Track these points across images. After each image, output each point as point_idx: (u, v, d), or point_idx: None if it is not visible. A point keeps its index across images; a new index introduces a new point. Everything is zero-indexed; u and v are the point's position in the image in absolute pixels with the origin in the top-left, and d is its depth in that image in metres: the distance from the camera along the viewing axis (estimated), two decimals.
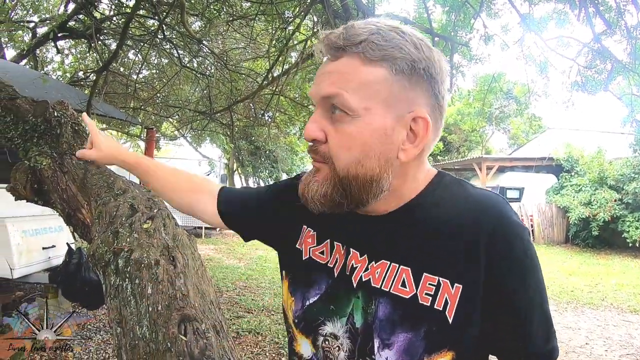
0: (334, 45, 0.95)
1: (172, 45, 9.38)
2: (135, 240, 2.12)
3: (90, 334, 6.09)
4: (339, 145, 0.95)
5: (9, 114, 3.74)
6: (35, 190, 3.26)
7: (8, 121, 3.72)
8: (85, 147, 2.69)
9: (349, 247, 1.10)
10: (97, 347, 5.67)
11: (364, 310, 1.03)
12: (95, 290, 5.94)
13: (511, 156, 25.00)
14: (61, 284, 6.23)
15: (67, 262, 6.18)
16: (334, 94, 0.93)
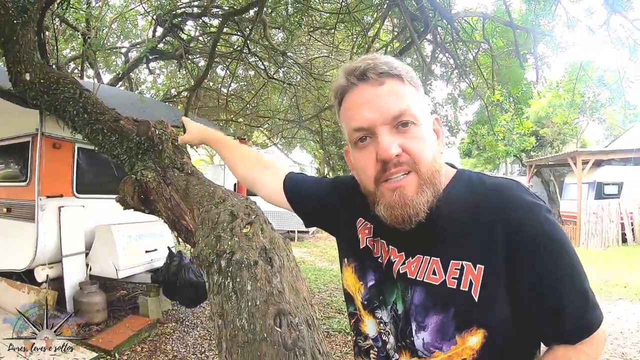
0: (376, 71, 1.12)
1: (257, 58, 9.70)
2: (236, 243, 2.36)
3: (188, 330, 6.50)
4: (419, 151, 1.10)
5: (114, 133, 4.16)
6: (142, 200, 3.64)
7: (113, 140, 4.14)
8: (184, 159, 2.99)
9: (389, 245, 1.26)
10: (194, 342, 6.06)
11: (403, 298, 1.17)
12: (194, 289, 6.34)
13: (607, 148, 22.72)
14: (162, 283, 6.73)
15: (168, 264, 6.73)
16: (404, 110, 1.10)
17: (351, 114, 1.17)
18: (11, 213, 6.76)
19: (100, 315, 6.46)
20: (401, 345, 1.18)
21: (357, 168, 1.23)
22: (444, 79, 9.48)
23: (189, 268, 6.55)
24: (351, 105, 1.18)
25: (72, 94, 4.44)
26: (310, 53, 10.80)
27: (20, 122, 6.52)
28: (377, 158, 1.11)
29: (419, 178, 1.11)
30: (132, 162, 3.81)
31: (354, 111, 1.16)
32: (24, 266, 6.45)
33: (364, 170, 1.17)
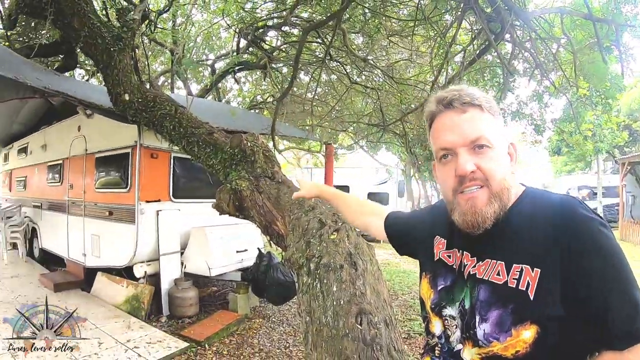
0: (460, 101, 1.36)
1: (339, 64, 9.94)
2: (324, 248, 2.65)
3: (274, 326, 6.86)
4: (491, 169, 1.32)
5: (208, 145, 4.57)
6: (237, 207, 4.02)
7: (208, 151, 4.55)
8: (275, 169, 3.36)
9: (463, 251, 1.46)
10: (280, 337, 6.40)
11: (471, 295, 1.36)
12: (281, 288, 6.71)
13: None
14: (251, 281, 7.15)
15: (257, 263, 7.14)
16: (481, 135, 1.33)
17: (438, 135, 1.42)
18: (113, 216, 7.43)
19: (192, 309, 6.99)
20: (465, 336, 1.36)
21: (440, 180, 1.46)
22: (526, 75, 9.31)
23: (277, 268, 6.92)
24: (438, 128, 1.42)
25: (168, 110, 4.88)
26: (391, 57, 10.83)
27: (121, 135, 7.18)
28: (455, 173, 1.35)
29: (489, 192, 1.32)
30: (227, 172, 4.18)
31: (440, 133, 1.40)
32: (124, 263, 7.12)
33: (445, 182, 1.41)
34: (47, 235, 10.33)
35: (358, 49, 9.84)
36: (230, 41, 12.58)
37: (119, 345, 5.60)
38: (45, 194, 10.39)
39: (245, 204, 3.84)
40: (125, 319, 6.59)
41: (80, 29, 4.77)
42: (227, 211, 4.08)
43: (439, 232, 1.62)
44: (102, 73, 5.26)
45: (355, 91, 10.90)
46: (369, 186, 18.68)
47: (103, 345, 5.56)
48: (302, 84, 12.59)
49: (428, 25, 7.26)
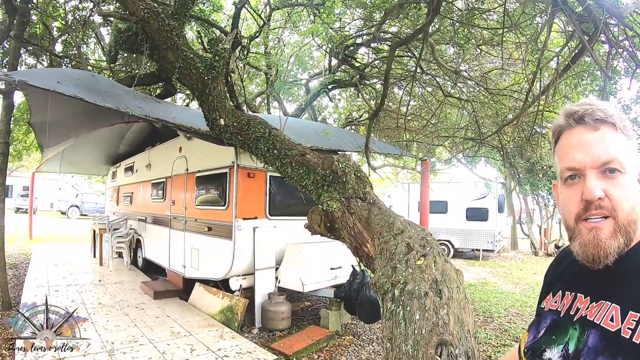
0: (593, 117, 1.22)
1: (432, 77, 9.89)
2: (409, 274, 2.64)
3: (363, 344, 6.86)
4: (620, 198, 1.17)
5: (301, 167, 4.72)
6: (328, 228, 4.12)
7: (301, 172, 4.70)
8: (366, 189, 3.44)
9: (577, 293, 1.31)
10: (368, 356, 6.37)
11: (578, 339, 1.20)
12: (374, 307, 6.73)
13: None
14: (344, 299, 7.19)
15: (351, 281, 7.18)
16: (614, 157, 1.17)
17: (565, 152, 1.27)
18: (212, 231, 7.80)
19: (284, 323, 7.16)
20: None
21: (563, 202, 1.31)
22: (628, 75, 8.67)
23: (370, 286, 6.89)
24: (566, 144, 1.28)
25: (262, 133, 5.04)
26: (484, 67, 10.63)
27: (219, 156, 7.58)
28: (581, 197, 1.20)
29: (615, 224, 1.17)
30: (319, 193, 4.28)
31: (568, 150, 1.26)
32: (221, 276, 7.45)
33: (568, 206, 1.26)
34: (150, 247, 11.04)
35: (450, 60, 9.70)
36: (323, 60, 12.84)
37: (210, 353, 5.85)
38: (149, 209, 11.11)
39: (337, 225, 3.91)
40: (218, 329, 6.88)
41: (174, 60, 5.06)
42: (318, 232, 4.18)
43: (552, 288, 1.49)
44: (197, 100, 5.48)
45: (450, 104, 10.75)
46: (467, 201, 18.17)
47: (195, 352, 5.84)
48: (397, 98, 12.44)
49: (518, 31, 7.07)
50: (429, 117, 11.37)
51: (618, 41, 6.17)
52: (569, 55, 6.68)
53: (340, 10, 9.70)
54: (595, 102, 1.26)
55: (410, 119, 12.11)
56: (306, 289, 7.28)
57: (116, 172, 15.25)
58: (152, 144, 11.12)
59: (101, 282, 10.01)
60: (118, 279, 10.45)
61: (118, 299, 8.40)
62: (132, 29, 5.56)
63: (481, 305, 9.72)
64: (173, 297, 8.76)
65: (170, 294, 8.87)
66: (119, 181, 14.82)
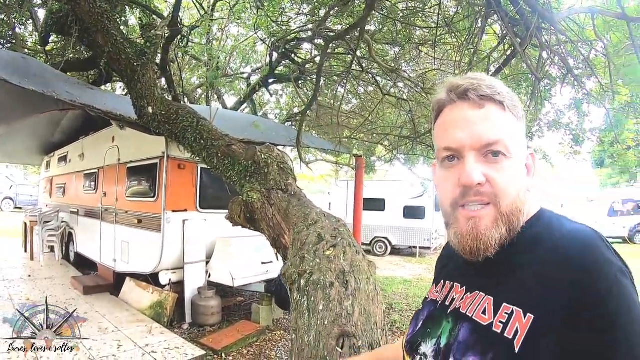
0: (477, 93, 1.08)
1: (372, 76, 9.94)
2: (317, 264, 2.63)
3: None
4: (504, 184, 1.05)
5: (227, 157, 4.65)
6: (248, 219, 4.05)
7: (227, 163, 4.63)
8: (289, 181, 3.37)
9: (454, 283, 1.23)
10: None
11: (450, 332, 1.11)
12: None
13: None
14: (275, 293, 7.16)
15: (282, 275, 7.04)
16: (499, 139, 1.06)
17: (444, 130, 1.15)
18: (141, 224, 7.61)
19: (214, 318, 7.06)
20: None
21: (439, 186, 1.19)
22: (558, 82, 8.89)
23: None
24: (445, 122, 1.15)
25: (190, 122, 4.96)
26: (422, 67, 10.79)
27: (150, 147, 7.38)
28: (459, 182, 1.08)
29: (496, 212, 1.06)
30: (242, 184, 4.23)
31: (447, 128, 1.13)
32: (150, 270, 7.27)
33: (445, 191, 1.14)
34: (82, 240, 10.69)
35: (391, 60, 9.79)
36: (265, 55, 12.79)
37: (137, 349, 5.72)
38: (82, 201, 10.75)
39: (256, 216, 3.86)
40: (147, 324, 6.72)
41: (104, 45, 4.90)
42: (238, 223, 4.12)
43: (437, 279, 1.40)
44: (127, 87, 5.40)
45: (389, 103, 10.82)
46: (405, 199, 18.45)
47: (122, 348, 5.69)
48: (337, 96, 12.37)
49: (454, 34, 7.16)
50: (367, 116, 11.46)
51: (551, 46, 6.28)
52: (502, 58, 6.89)
53: (285, 4, 9.61)
54: (483, 76, 1.14)
55: (350, 117, 12.24)
56: (236, 284, 7.21)
57: (50, 162, 14.66)
58: (87, 133, 10.71)
59: (31, 277, 9.67)
60: (49, 274, 10.08)
61: (47, 294, 8.02)
62: (63, 10, 5.35)
63: (415, 301, 9.84)
64: (103, 293, 8.50)
65: (101, 289, 8.60)
66: (52, 172, 14.25)
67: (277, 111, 16.01)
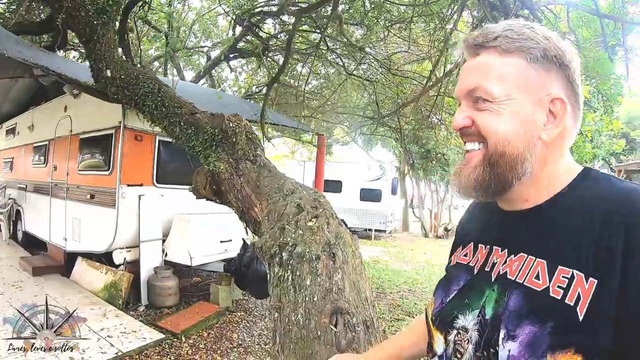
0: (472, 43, 1.09)
1: (336, 55, 9.71)
2: (299, 236, 2.36)
3: (255, 320, 6.64)
4: (487, 125, 1.05)
5: (190, 126, 4.31)
6: (214, 190, 3.71)
7: (190, 132, 4.29)
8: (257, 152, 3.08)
9: (492, 246, 1.13)
10: (260, 333, 6.18)
11: (497, 302, 1.02)
12: (265, 281, 6.43)
13: None
14: (234, 273, 6.86)
15: (241, 254, 6.82)
16: (476, 86, 1.05)
17: None
18: (94, 199, 7.18)
19: (172, 300, 6.76)
20: (481, 355, 1.02)
21: None
22: None
23: (256, 252, 6.59)
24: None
25: (151, 88, 4.64)
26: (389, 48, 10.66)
27: (105, 116, 6.94)
28: None
29: (484, 153, 1.07)
30: (207, 154, 3.92)
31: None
32: (103, 249, 6.88)
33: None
34: (31, 218, 10.13)
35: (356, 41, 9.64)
36: (227, 30, 12.47)
37: (91, 334, 5.36)
38: (30, 176, 10.20)
39: (223, 187, 3.56)
40: (101, 307, 6.35)
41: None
42: (203, 195, 3.79)
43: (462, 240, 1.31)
44: (84, 47, 5.04)
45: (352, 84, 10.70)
46: (362, 182, 18.44)
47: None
48: (299, 75, 12.24)
49: (428, 15, 7.04)
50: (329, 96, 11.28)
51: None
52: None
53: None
54: (487, 26, 1.12)
55: (311, 97, 12.05)
56: (194, 263, 6.90)
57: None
58: (38, 103, 10.08)
59: None
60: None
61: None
62: None
63: (373, 282, 9.79)
64: (54, 274, 8.04)
65: (51, 270, 8.14)
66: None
67: (235, 88, 15.68)
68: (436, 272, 11.67)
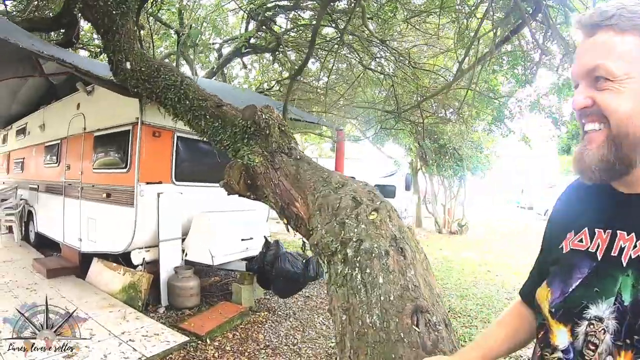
0: (588, 23, 1.07)
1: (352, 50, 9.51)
2: (363, 230, 2.15)
3: (280, 320, 6.40)
4: (608, 104, 1.03)
5: (216, 119, 4.09)
6: (249, 185, 3.47)
7: (217, 126, 4.07)
8: (292, 144, 2.91)
9: (615, 230, 1.09)
10: (287, 333, 5.94)
11: (634, 287, 0.99)
12: (289, 280, 6.24)
13: None
14: (257, 272, 6.67)
15: (264, 252, 6.63)
16: (596, 66, 1.03)
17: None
18: (111, 198, 6.97)
19: (193, 300, 6.55)
20: (622, 344, 0.98)
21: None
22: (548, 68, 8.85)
23: (285, 258, 6.43)
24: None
25: (173, 81, 4.45)
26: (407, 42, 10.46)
27: (122, 112, 6.73)
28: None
29: (606, 134, 1.05)
30: (237, 147, 3.70)
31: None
32: (121, 249, 6.66)
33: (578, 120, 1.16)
34: (43, 219, 9.95)
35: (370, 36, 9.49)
36: (238, 26, 12.45)
37: (112, 338, 5.15)
38: (42, 176, 10.03)
39: (259, 182, 3.33)
40: (120, 309, 6.15)
41: None
42: (236, 190, 3.55)
43: (570, 227, 1.23)
44: (102, 39, 4.90)
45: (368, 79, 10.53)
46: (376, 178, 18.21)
47: (95, 338, 5.11)
48: (312, 72, 12.25)
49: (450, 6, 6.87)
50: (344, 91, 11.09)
51: (555, 23, 6.17)
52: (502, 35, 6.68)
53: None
54: (600, 5, 1.10)
55: (321, 93, 11.97)
56: (216, 262, 6.67)
57: (7, 135, 13.71)
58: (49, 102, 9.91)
59: None
60: (7, 256, 9.31)
61: (7, 279, 7.41)
62: None
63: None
64: (69, 275, 7.85)
65: (66, 272, 7.94)
66: (10, 146, 13.34)
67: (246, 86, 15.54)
68: (456, 268, 11.51)
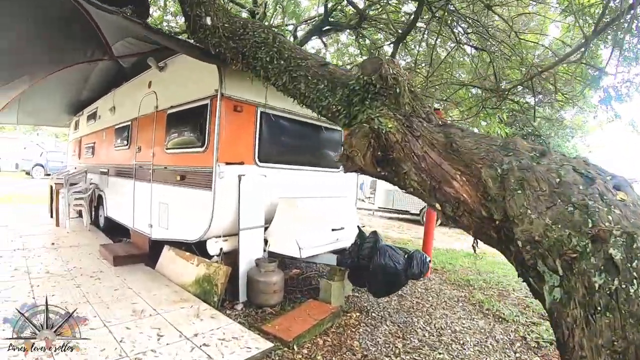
0: None
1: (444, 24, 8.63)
2: (621, 218, 1.35)
3: (375, 323, 5.53)
4: None
5: (321, 80, 3.27)
6: (378, 158, 2.60)
7: (321, 88, 3.24)
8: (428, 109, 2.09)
9: None
10: (385, 340, 5.04)
11: None
12: (389, 278, 5.38)
13: None
14: (351, 267, 5.81)
15: (359, 245, 5.72)
16: None
17: None
18: (185, 181, 6.34)
19: (276, 297, 5.82)
20: None
21: None
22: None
23: (385, 252, 5.46)
24: None
25: (264, 38, 3.78)
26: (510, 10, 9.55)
27: (198, 85, 6.06)
28: None
29: None
30: (355, 112, 2.84)
31: None
32: (196, 237, 6.02)
33: None
34: (113, 203, 9.59)
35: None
36: (310, 9, 12.27)
37: (183, 341, 4.44)
38: (112, 159, 9.66)
39: (395, 153, 2.43)
40: (193, 305, 5.48)
41: None
42: (359, 165, 2.61)
43: None
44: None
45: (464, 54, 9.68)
46: None
47: (163, 340, 4.42)
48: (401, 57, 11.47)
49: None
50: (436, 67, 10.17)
51: None
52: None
53: None
54: None
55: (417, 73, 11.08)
56: (304, 255, 5.85)
57: (78, 121, 13.61)
58: (118, 85, 9.53)
59: (54, 245, 8.53)
60: (74, 241, 8.99)
61: (70, 266, 6.96)
62: None
63: (490, 277, 8.59)
64: (137, 264, 7.35)
65: (134, 260, 7.46)
66: (81, 132, 13.20)
67: None
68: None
